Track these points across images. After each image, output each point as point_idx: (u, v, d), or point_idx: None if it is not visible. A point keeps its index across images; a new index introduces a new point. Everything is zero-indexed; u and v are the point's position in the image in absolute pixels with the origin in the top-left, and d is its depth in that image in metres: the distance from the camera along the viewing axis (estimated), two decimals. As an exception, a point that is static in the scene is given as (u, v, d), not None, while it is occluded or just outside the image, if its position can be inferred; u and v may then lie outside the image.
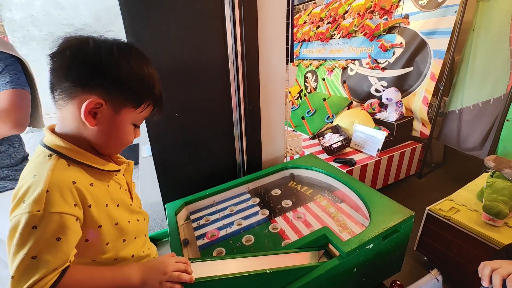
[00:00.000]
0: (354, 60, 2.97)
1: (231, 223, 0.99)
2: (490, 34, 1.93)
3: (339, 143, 2.14)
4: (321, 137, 2.36)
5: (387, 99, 2.34)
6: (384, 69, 2.61)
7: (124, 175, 0.69)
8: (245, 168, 1.30)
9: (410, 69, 2.40)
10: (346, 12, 3.01)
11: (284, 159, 1.47)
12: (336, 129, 2.36)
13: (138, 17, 0.92)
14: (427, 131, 2.36)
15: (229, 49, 1.08)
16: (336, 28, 3.11)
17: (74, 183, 0.52)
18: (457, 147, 2.27)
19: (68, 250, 0.49)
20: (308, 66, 3.72)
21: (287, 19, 1.18)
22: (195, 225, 1.01)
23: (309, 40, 3.59)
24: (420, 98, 2.33)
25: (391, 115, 2.38)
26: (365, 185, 1.04)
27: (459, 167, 2.60)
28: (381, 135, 2.03)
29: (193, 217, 1.05)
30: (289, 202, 1.08)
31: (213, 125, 1.19)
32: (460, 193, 1.47)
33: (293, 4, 1.61)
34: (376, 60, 2.69)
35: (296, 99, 3.74)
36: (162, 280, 0.59)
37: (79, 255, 0.54)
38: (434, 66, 2.21)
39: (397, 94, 2.31)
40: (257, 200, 1.11)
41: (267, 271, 0.68)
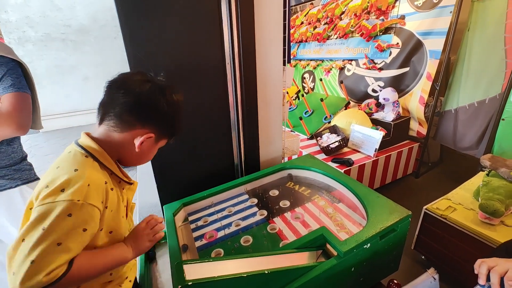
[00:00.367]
0: (351, 61, 2.99)
1: (229, 224, 0.99)
2: (485, 34, 1.95)
3: (337, 143, 2.15)
4: (319, 137, 2.37)
5: (384, 99, 2.35)
6: (381, 69, 2.62)
7: (127, 192, 0.75)
8: (243, 169, 1.31)
9: (407, 69, 2.42)
10: (343, 13, 3.03)
11: (282, 160, 1.47)
12: (334, 129, 2.37)
13: (135, 19, 0.92)
14: (424, 131, 2.37)
15: (226, 50, 1.08)
16: (333, 29, 3.13)
17: (106, 183, 0.61)
18: (454, 147, 2.29)
19: (86, 242, 0.55)
20: (306, 67, 3.73)
21: (284, 20, 1.18)
22: (193, 226, 1.01)
23: (306, 41, 3.60)
24: (417, 98, 2.35)
25: (388, 115, 2.39)
26: (363, 185, 1.05)
27: (456, 166, 2.62)
28: (379, 135, 2.04)
29: (191, 218, 1.05)
30: (287, 203, 1.08)
31: (211, 126, 1.19)
32: (457, 192, 1.48)
33: (290, 5, 1.61)
34: (373, 61, 2.70)
35: (294, 100, 3.74)
36: (147, 239, 0.70)
37: None
38: (430, 66, 2.22)
39: (394, 94, 2.32)
40: (255, 201, 1.11)
41: (266, 272, 0.68)
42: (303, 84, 3.80)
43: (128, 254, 0.66)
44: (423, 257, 1.50)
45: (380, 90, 2.50)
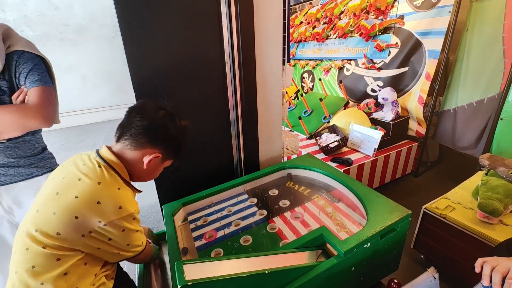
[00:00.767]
0: (350, 60, 2.99)
1: (229, 224, 0.99)
2: (484, 34, 1.95)
3: (336, 143, 2.15)
4: (318, 137, 2.37)
5: (383, 99, 2.36)
6: (380, 69, 2.63)
7: None
8: (243, 169, 1.30)
9: (406, 69, 2.42)
10: (342, 13, 3.03)
11: (282, 159, 1.47)
12: (333, 129, 2.37)
13: (133, 18, 0.91)
14: (423, 130, 2.38)
15: (226, 50, 1.08)
16: (332, 29, 3.13)
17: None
18: (452, 146, 2.29)
19: None
20: (305, 66, 3.73)
21: (283, 20, 1.18)
22: (193, 226, 1.00)
23: (306, 41, 3.60)
24: (416, 98, 2.35)
25: (387, 115, 2.39)
26: (362, 185, 1.05)
27: (455, 166, 2.62)
28: (378, 135, 2.05)
29: (191, 218, 1.05)
30: (287, 202, 1.08)
31: (210, 126, 1.19)
32: (456, 192, 1.49)
33: (289, 5, 1.61)
34: (372, 60, 2.71)
35: (293, 99, 3.74)
36: None
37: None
38: (429, 66, 2.23)
39: (393, 94, 2.32)
40: (255, 201, 1.11)
41: (266, 271, 0.67)
42: (302, 84, 3.80)
43: None
44: (422, 257, 1.50)
45: (379, 90, 2.50)
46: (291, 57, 3.92)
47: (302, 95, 3.40)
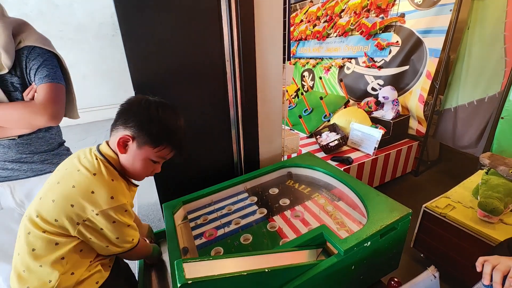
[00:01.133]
0: (351, 59, 2.98)
1: (229, 222, 0.99)
2: (485, 33, 1.95)
3: (336, 142, 2.15)
4: (318, 136, 2.36)
5: (384, 98, 2.35)
6: (381, 68, 2.62)
7: (131, 194, 0.81)
8: (243, 167, 1.30)
9: (406, 68, 2.41)
10: (343, 11, 3.02)
11: (282, 158, 1.47)
12: (333, 128, 2.36)
13: (133, 17, 0.91)
14: (423, 129, 2.37)
15: (226, 48, 1.08)
16: (333, 27, 3.12)
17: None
18: (453, 145, 2.29)
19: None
20: (305, 65, 3.72)
21: (284, 18, 1.18)
22: (193, 225, 1.00)
23: (306, 39, 3.59)
24: (416, 97, 2.35)
25: (388, 114, 2.39)
26: (362, 183, 1.05)
27: (455, 165, 2.62)
28: (378, 134, 2.04)
29: (191, 217, 1.05)
30: (287, 201, 1.08)
31: (210, 124, 1.19)
32: (456, 190, 1.49)
33: (290, 3, 1.60)
34: (373, 59, 2.70)
35: (293, 98, 3.74)
36: None
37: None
38: (430, 65, 2.22)
39: (393, 93, 2.32)
40: (255, 199, 1.11)
41: (266, 270, 0.67)
42: (303, 83, 3.80)
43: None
44: (422, 255, 1.50)
45: (380, 89, 2.50)
46: (292, 56, 3.91)
47: (303, 94, 3.39)
